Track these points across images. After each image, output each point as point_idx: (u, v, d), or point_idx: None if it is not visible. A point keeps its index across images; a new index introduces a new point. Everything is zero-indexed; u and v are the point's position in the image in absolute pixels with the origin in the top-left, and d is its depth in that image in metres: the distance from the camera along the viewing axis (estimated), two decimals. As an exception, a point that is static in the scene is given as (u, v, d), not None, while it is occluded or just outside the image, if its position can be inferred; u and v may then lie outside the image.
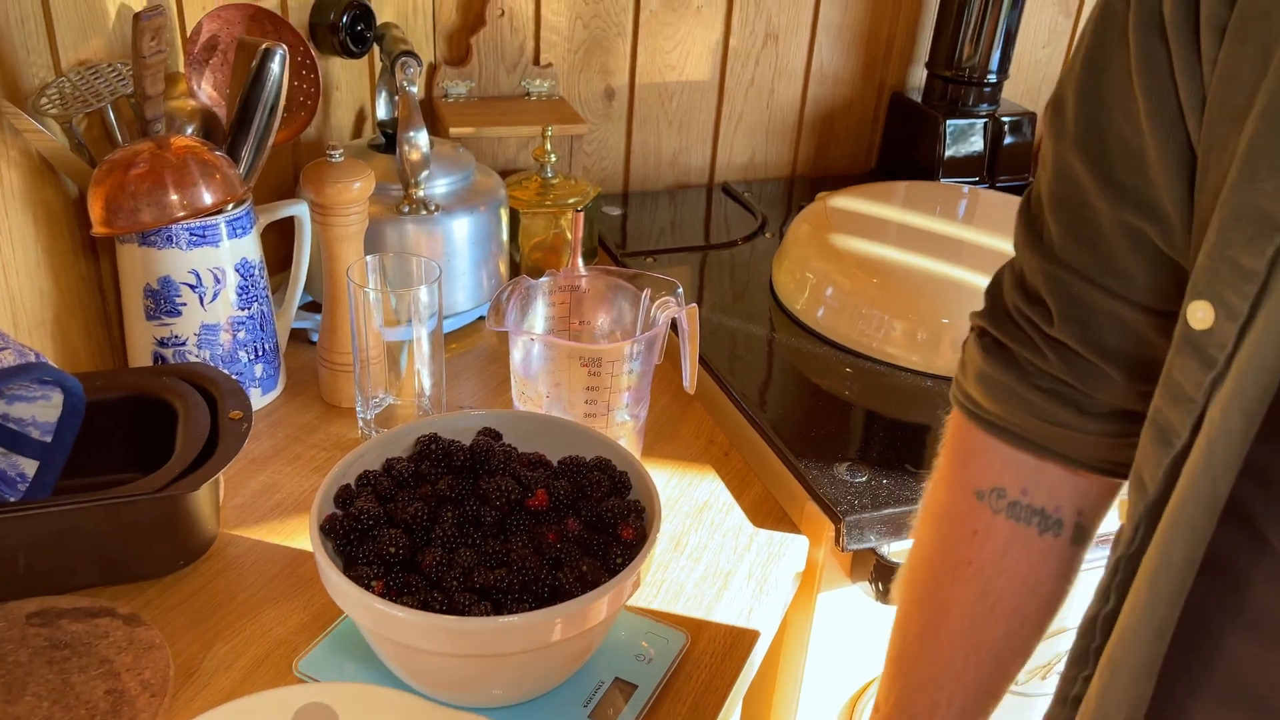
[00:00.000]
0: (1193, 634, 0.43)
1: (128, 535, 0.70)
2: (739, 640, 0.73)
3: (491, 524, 0.63)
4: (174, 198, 0.79)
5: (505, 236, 1.12)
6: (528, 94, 1.35)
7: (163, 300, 0.86)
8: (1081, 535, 0.57)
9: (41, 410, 0.73)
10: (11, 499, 0.72)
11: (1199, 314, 0.40)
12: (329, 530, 0.61)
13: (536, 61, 1.35)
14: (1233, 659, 0.43)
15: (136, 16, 0.76)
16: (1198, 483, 0.40)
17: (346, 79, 1.17)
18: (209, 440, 0.74)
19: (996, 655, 0.59)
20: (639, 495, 0.66)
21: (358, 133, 1.21)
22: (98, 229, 0.78)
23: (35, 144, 0.82)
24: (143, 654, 0.66)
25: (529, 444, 0.71)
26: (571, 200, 1.18)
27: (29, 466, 0.73)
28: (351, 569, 0.60)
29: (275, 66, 0.85)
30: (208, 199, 0.79)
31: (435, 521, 0.62)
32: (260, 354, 0.93)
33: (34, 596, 0.70)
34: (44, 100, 0.83)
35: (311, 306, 1.07)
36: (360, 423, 0.91)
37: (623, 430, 0.84)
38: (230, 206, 0.85)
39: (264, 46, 0.84)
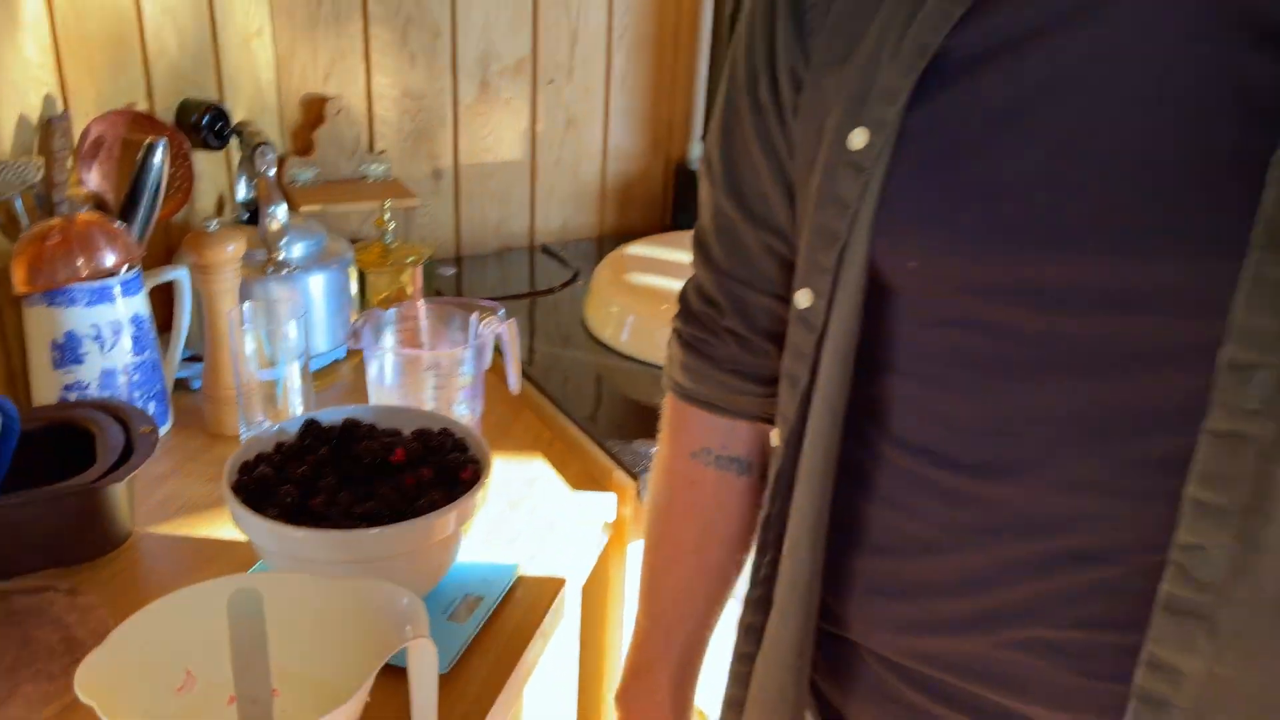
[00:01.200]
0: (844, 514, 0.64)
1: (64, 525, 0.87)
2: (561, 567, 0.96)
3: (362, 476, 0.84)
4: (82, 261, 0.97)
5: (355, 292, 1.33)
6: (365, 177, 1.57)
7: (68, 351, 1.04)
8: (763, 471, 0.75)
9: (-21, 436, 0.89)
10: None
11: (802, 298, 0.61)
12: (238, 489, 0.81)
13: (371, 149, 1.59)
14: (871, 526, 0.63)
15: (49, 120, 0.96)
16: (820, 410, 0.61)
17: (207, 169, 1.37)
18: (125, 451, 0.92)
19: (720, 571, 0.78)
20: (474, 451, 0.88)
21: (219, 212, 1.41)
22: (21, 288, 0.96)
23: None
24: (86, 613, 0.83)
25: (388, 425, 0.92)
26: (409, 259, 1.41)
27: (-32, 484, 0.89)
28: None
29: (158, 157, 1.06)
30: (111, 261, 0.98)
31: (319, 478, 0.83)
32: (153, 395, 1.11)
33: (-17, 584, 0.85)
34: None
35: (190, 360, 1.25)
36: (243, 436, 1.09)
37: (462, 422, 1.06)
38: (125, 269, 1.04)
39: (149, 141, 1.05)
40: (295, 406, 1.08)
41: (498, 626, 0.86)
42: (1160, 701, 0.53)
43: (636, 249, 1.51)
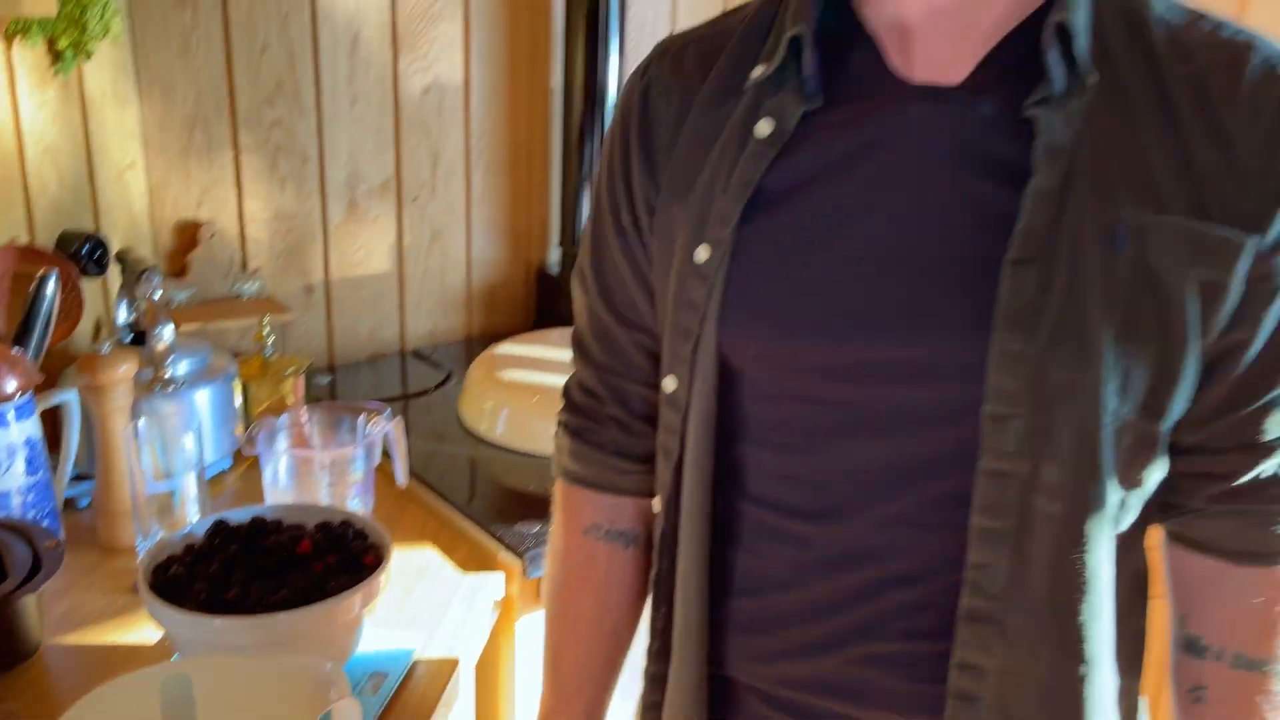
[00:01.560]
0: (717, 565, 0.74)
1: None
2: (456, 646, 1.05)
3: (273, 568, 0.91)
4: (-20, 389, 1.03)
5: (239, 404, 1.40)
6: (239, 295, 1.65)
7: (-38, 476, 1.07)
8: (648, 541, 0.85)
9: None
10: None
11: (668, 383, 0.75)
12: (153, 588, 0.87)
13: (244, 268, 1.67)
14: (738, 573, 0.74)
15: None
16: (691, 476, 0.74)
17: (86, 295, 1.42)
18: (33, 565, 0.96)
19: (617, 638, 0.87)
20: (374, 539, 0.97)
21: (96, 336, 1.46)
22: (-81, 418, 1.00)
23: None
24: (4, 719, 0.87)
25: (292, 520, 1.00)
26: (289, 370, 1.49)
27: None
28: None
29: (50, 288, 1.12)
30: (11, 386, 1.04)
31: (231, 574, 0.90)
32: (45, 514, 1.14)
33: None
34: None
35: (77, 479, 1.29)
36: (140, 554, 1.14)
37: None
38: (19, 395, 1.09)
39: (41, 273, 1.11)
40: (191, 515, 1.14)
41: (399, 707, 0.94)
42: (970, 697, 0.67)
43: (505, 348, 1.63)
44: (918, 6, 0.65)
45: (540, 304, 1.98)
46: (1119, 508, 0.66)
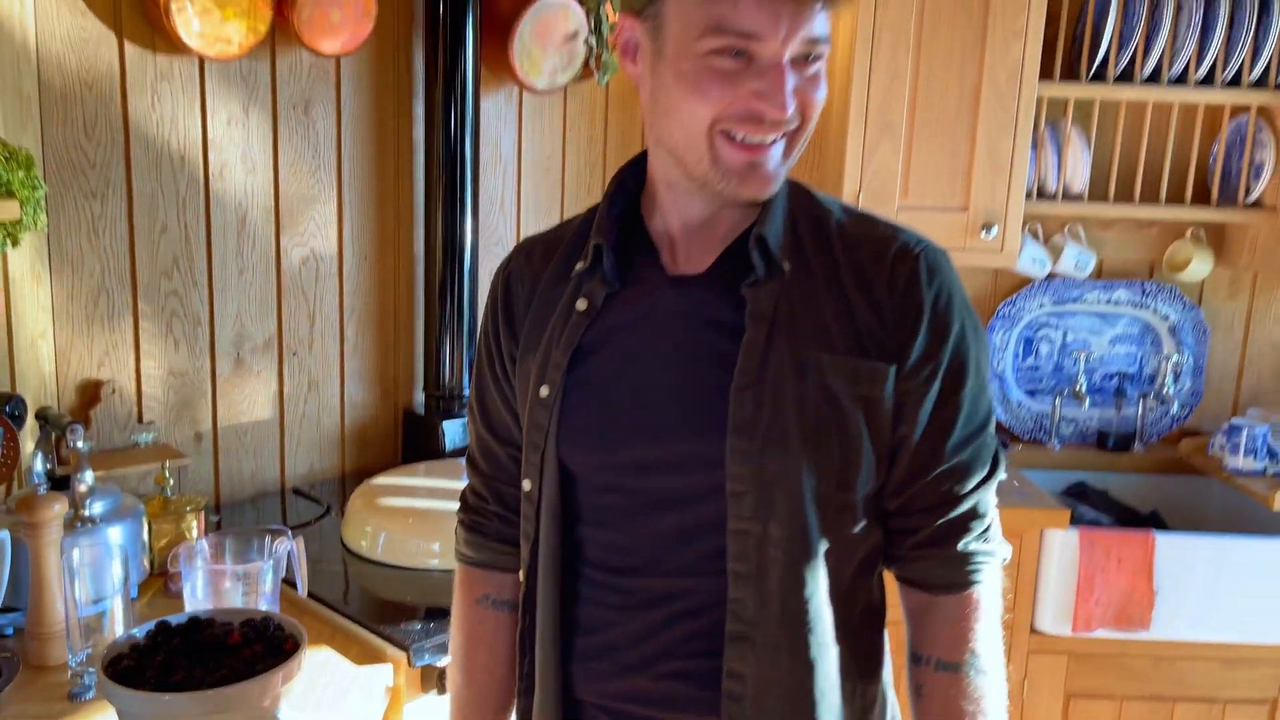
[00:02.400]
0: (566, 614, 1.02)
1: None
2: None
3: (210, 656, 1.13)
4: (-61, 528, 1.21)
5: (146, 536, 1.59)
6: (136, 444, 1.84)
7: (-88, 607, 1.24)
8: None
9: None
10: None
11: (526, 484, 1.04)
12: (112, 676, 1.07)
13: (140, 420, 1.87)
14: (581, 618, 1.02)
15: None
16: (544, 553, 1.02)
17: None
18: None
19: (505, 681, 1.13)
20: (290, 630, 1.19)
21: (10, 484, 1.63)
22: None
23: None
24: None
25: (222, 619, 1.21)
26: (188, 508, 1.69)
27: None
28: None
29: (-5, 440, 1.33)
30: (-32, 524, 1.23)
31: (174, 662, 1.11)
32: (-19, 639, 1.31)
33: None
34: None
35: (2, 610, 1.45)
36: (73, 667, 1.31)
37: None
38: (-35, 534, 1.28)
39: (-13, 428, 1.32)
40: (118, 631, 1.33)
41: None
42: (737, 698, 0.96)
43: (380, 480, 1.88)
44: (676, 223, 1.00)
45: (407, 441, 2.23)
46: (834, 555, 0.97)
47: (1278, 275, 2.58)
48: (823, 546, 0.96)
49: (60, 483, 1.53)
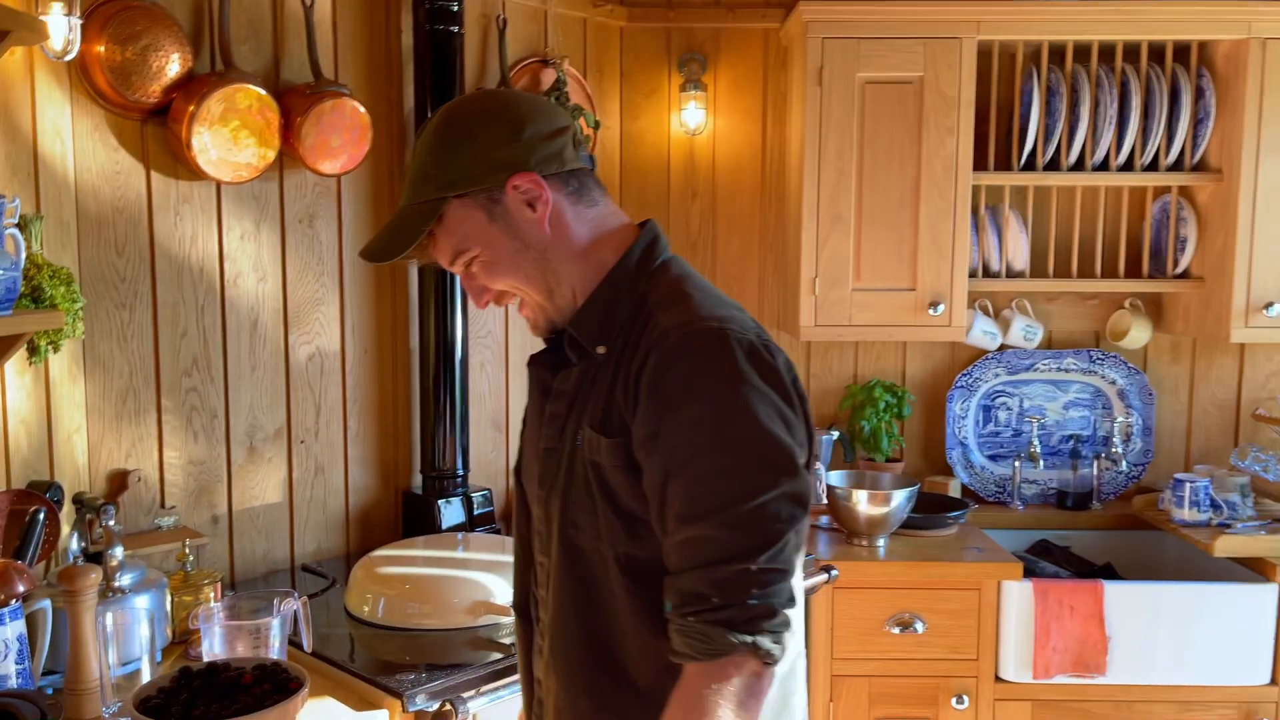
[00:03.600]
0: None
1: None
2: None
3: (226, 694, 1.30)
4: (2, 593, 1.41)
5: (169, 607, 1.78)
6: (159, 526, 2.04)
7: (-32, 666, 1.42)
8: None
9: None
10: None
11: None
12: (143, 712, 1.25)
13: (163, 505, 2.07)
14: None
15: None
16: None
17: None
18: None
19: None
20: (295, 673, 1.37)
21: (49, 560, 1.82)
22: (-48, 617, 1.36)
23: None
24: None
25: (237, 664, 1.39)
26: (205, 581, 1.87)
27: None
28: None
29: (41, 519, 1.53)
30: (21, 589, 1.42)
31: (196, 701, 1.29)
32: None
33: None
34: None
35: (45, 673, 1.62)
36: (105, 716, 1.49)
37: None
38: (12, 602, 1.47)
39: (34, 509, 1.52)
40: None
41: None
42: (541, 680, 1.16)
43: (381, 553, 2.06)
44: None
45: (407, 519, 2.42)
46: (588, 593, 1.13)
47: (1211, 340, 2.78)
48: (577, 585, 1.13)
49: (93, 559, 1.72)
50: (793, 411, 1.07)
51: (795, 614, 1.04)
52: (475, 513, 2.40)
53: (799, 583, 1.05)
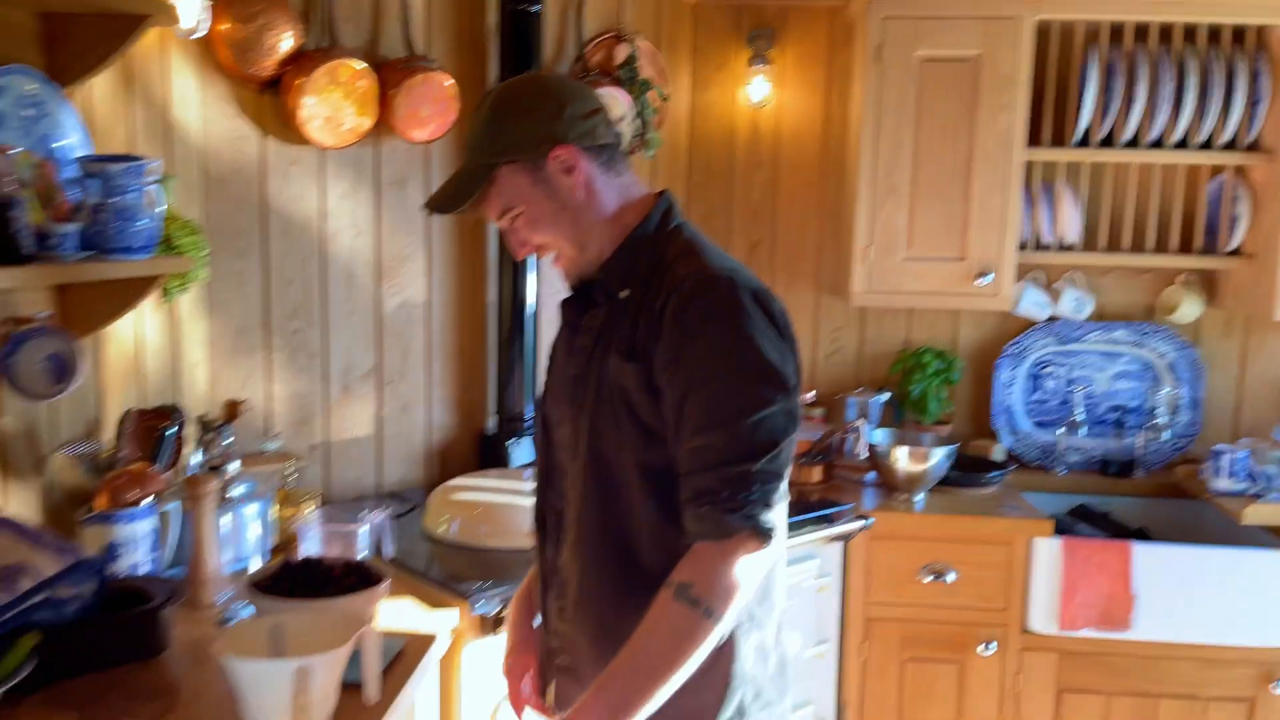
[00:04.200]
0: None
1: (141, 633, 1.53)
2: (429, 657, 1.67)
3: (320, 583, 1.56)
4: (134, 493, 1.69)
5: (273, 516, 2.05)
6: (264, 450, 2.32)
7: (110, 552, 1.71)
8: None
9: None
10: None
11: None
12: (254, 586, 1.51)
13: (269, 431, 2.35)
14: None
15: (123, 420, 1.70)
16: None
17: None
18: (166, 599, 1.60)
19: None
20: (376, 570, 1.61)
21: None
22: (102, 508, 1.65)
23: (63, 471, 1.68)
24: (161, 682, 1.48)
25: (329, 560, 1.64)
26: (304, 498, 2.15)
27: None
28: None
29: (172, 433, 1.80)
30: (154, 490, 1.70)
31: (295, 584, 1.54)
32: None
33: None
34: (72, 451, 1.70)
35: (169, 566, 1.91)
36: (220, 604, 1.76)
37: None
38: (147, 501, 1.75)
39: (166, 424, 1.80)
40: (252, 579, 1.78)
41: (398, 668, 1.57)
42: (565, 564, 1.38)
43: (457, 482, 2.31)
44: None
45: (482, 456, 2.67)
46: (610, 493, 1.32)
47: (1260, 317, 2.84)
48: (601, 488, 1.33)
49: (210, 471, 2.00)
50: (787, 347, 1.28)
51: (781, 514, 1.25)
52: (543, 453, 2.63)
53: (785, 488, 1.27)
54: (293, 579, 1.57)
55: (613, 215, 1.36)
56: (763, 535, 1.22)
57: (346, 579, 1.58)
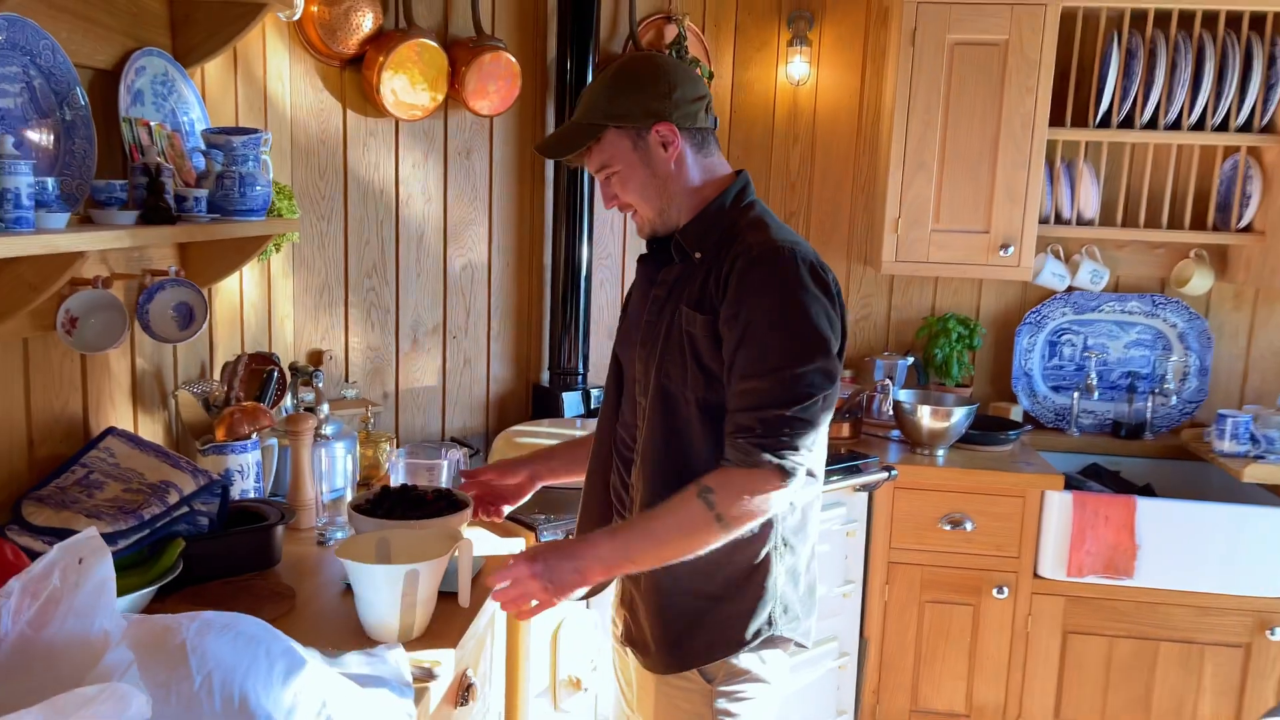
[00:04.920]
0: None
1: (260, 546, 1.76)
2: (499, 566, 1.90)
3: (413, 505, 1.78)
4: (246, 427, 1.92)
5: (357, 454, 2.29)
6: (343, 396, 2.55)
7: (225, 477, 1.94)
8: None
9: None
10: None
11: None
12: (356, 509, 1.74)
13: (347, 379, 2.58)
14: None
15: (233, 365, 1.93)
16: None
17: (264, 392, 2.32)
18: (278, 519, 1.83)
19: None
20: (460, 497, 1.84)
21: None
22: (220, 439, 1.88)
23: (185, 405, 1.91)
24: (280, 587, 1.72)
25: (422, 487, 1.87)
26: (383, 439, 2.38)
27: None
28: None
29: (275, 376, 2.03)
30: (264, 423, 1.93)
31: (394, 506, 1.76)
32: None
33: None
34: (191, 390, 1.93)
35: (272, 494, 2.15)
36: (318, 526, 2.00)
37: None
38: (254, 434, 1.98)
39: (270, 368, 2.02)
40: (346, 511, 2.01)
41: (479, 587, 1.80)
42: (634, 488, 1.59)
43: (517, 428, 2.54)
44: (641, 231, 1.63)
45: (535, 407, 2.89)
46: (677, 424, 1.53)
47: (1269, 290, 3.01)
48: (667, 418, 1.53)
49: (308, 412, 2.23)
50: (835, 314, 1.47)
51: (818, 460, 1.45)
52: (592, 405, 2.85)
53: (823, 438, 1.46)
54: (391, 502, 1.80)
55: (695, 188, 1.55)
56: (785, 473, 1.41)
57: (437, 503, 1.81)
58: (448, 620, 1.62)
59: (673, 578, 1.53)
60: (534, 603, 1.50)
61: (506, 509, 1.84)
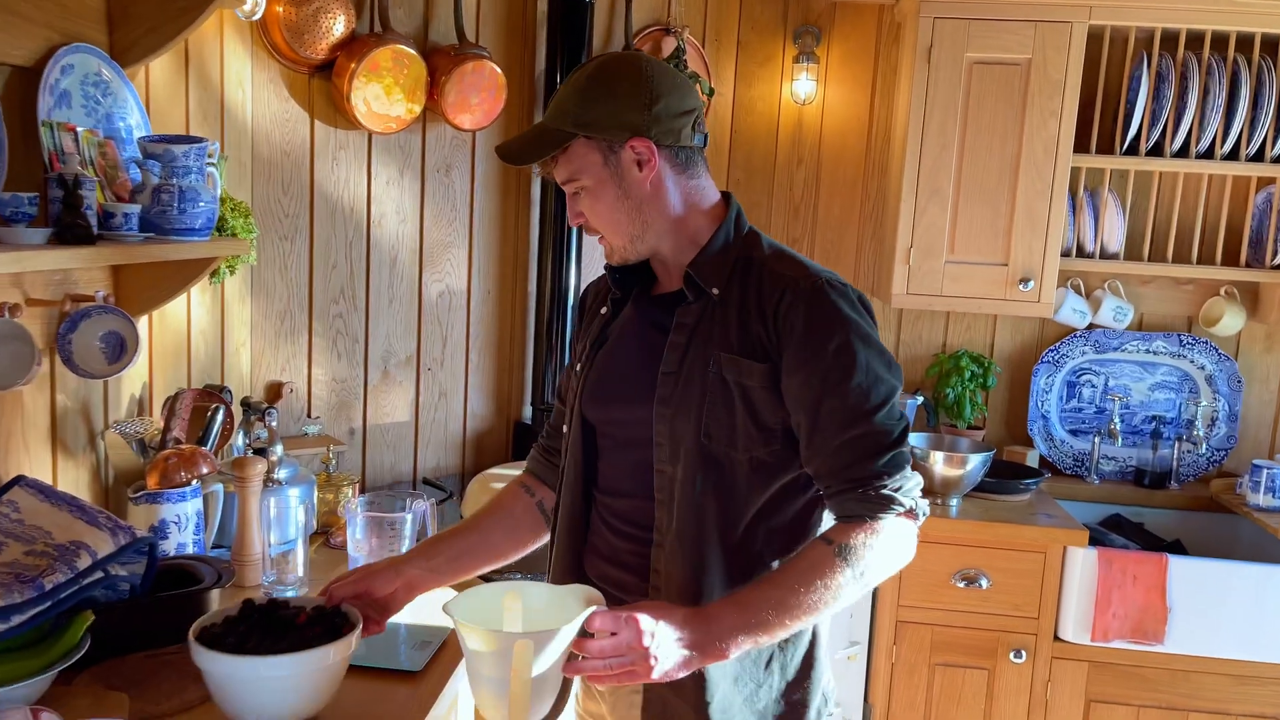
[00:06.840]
0: (585, 518, 1.45)
1: (193, 613, 1.53)
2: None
3: (279, 630, 1.48)
4: (184, 473, 1.69)
5: (315, 500, 2.06)
6: (305, 433, 2.33)
7: (158, 531, 1.72)
8: (546, 507, 1.55)
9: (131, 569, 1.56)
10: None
11: (566, 429, 1.48)
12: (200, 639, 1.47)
13: (309, 415, 2.35)
14: (594, 518, 1.44)
15: (172, 401, 1.70)
16: (569, 474, 1.44)
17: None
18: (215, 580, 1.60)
19: (479, 550, 1.50)
20: (351, 617, 1.53)
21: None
22: (152, 487, 1.66)
23: (115, 448, 1.69)
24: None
25: (295, 603, 1.63)
26: (345, 482, 2.15)
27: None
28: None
29: (220, 415, 1.81)
30: (205, 470, 1.70)
31: (251, 634, 1.48)
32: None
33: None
34: (122, 430, 1.71)
35: (214, 547, 1.92)
36: (265, 585, 1.77)
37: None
38: (192, 482, 1.75)
39: (215, 406, 1.80)
40: (299, 566, 1.78)
41: (441, 660, 1.58)
42: (656, 586, 1.34)
43: (493, 471, 2.32)
44: (658, 262, 1.40)
45: (516, 446, 2.67)
46: (721, 493, 1.31)
47: (1305, 331, 2.81)
48: (710, 486, 1.31)
49: (255, 454, 2.01)
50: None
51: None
52: (578, 445, 2.63)
53: None
54: (248, 624, 1.37)
55: (678, 217, 1.35)
56: (915, 514, 1.29)
57: (311, 627, 1.37)
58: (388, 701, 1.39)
59: (730, 695, 1.35)
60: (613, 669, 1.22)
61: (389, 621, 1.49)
